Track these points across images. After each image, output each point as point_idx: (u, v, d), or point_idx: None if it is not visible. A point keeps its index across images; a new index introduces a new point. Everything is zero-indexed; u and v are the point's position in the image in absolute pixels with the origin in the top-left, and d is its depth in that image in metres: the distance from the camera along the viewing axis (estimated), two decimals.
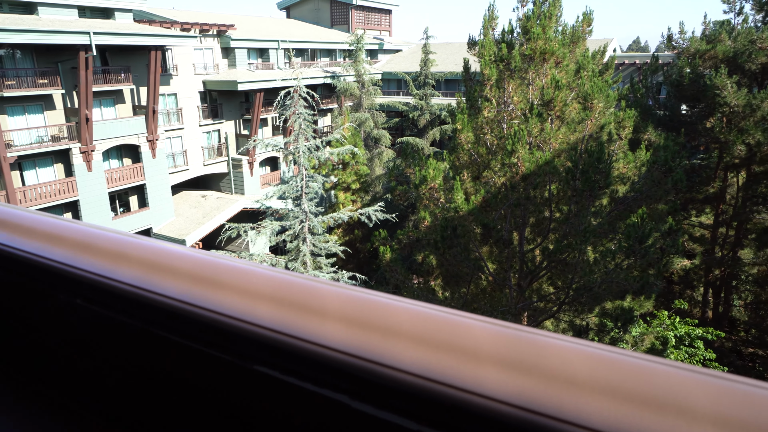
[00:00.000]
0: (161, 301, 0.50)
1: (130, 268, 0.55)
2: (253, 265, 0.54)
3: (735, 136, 18.87)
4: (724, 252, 23.05)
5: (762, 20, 20.32)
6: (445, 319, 0.42)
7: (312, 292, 0.48)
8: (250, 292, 0.49)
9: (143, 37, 24.48)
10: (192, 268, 0.54)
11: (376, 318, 0.43)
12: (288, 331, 0.44)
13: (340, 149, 14.16)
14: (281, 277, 0.51)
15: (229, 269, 0.53)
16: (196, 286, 0.51)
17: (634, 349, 14.22)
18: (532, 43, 13.20)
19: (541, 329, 0.41)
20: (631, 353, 0.38)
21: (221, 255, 0.58)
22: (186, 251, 0.58)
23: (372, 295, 0.47)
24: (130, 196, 27.02)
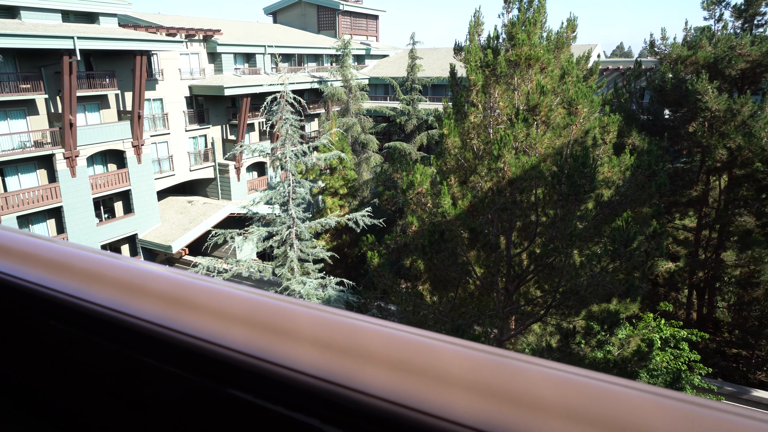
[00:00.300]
0: (134, 324, 0.50)
1: (102, 288, 0.54)
2: (227, 285, 0.53)
3: (716, 140, 19.18)
4: (707, 254, 23.38)
5: (741, 27, 20.72)
6: (416, 342, 0.42)
7: (285, 314, 0.48)
8: (225, 314, 0.49)
9: (128, 41, 24.29)
10: (165, 288, 0.53)
11: (348, 341, 0.43)
12: (261, 354, 0.43)
13: (327, 154, 14.15)
14: (255, 299, 0.50)
15: (204, 290, 0.53)
16: (170, 307, 0.50)
17: (621, 352, 14.38)
18: (518, 48, 13.32)
19: (516, 353, 0.41)
20: (601, 376, 0.38)
21: (195, 275, 0.58)
22: (159, 271, 0.57)
23: (344, 316, 0.47)
24: (115, 202, 26.73)
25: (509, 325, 14.62)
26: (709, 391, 16.56)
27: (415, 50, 37.11)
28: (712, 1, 20.90)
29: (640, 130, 20.79)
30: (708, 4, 20.99)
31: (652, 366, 14.94)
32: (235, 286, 0.54)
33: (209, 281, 0.55)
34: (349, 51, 35.86)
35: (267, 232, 13.90)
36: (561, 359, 12.87)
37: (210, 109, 31.74)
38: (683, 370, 15.17)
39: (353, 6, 48.62)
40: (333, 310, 0.49)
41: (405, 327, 0.45)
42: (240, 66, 34.03)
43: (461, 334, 12.30)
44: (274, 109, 13.65)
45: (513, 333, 14.55)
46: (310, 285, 13.50)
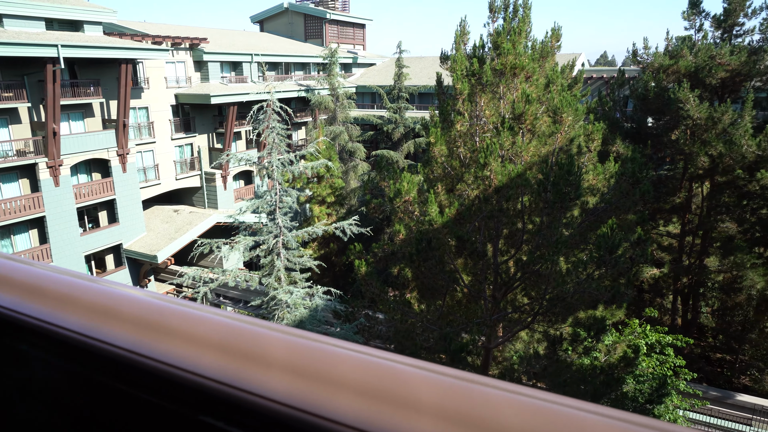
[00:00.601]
0: (106, 350, 0.49)
1: (74, 313, 0.54)
2: (200, 309, 0.53)
3: (698, 148, 19.50)
4: (691, 260, 23.68)
5: (720, 37, 21.15)
6: (387, 367, 0.42)
7: (257, 339, 0.48)
8: (197, 339, 0.48)
9: (113, 50, 24.13)
10: (139, 313, 0.53)
11: (321, 367, 0.43)
12: (233, 382, 0.43)
13: (314, 163, 14.13)
14: (228, 323, 0.50)
15: (177, 315, 0.52)
16: (143, 333, 0.50)
17: (607, 358, 14.45)
18: (503, 58, 13.45)
19: (488, 377, 0.41)
20: (557, 399, 0.38)
21: (168, 297, 0.57)
22: (133, 294, 0.57)
23: (317, 341, 0.47)
24: (99, 212, 26.41)
25: (497, 332, 14.66)
26: (694, 396, 16.70)
27: (402, 59, 37.32)
28: (692, 12, 21.32)
29: (624, 137, 21.07)
30: (689, 14, 21.41)
31: (639, 372, 15.04)
32: (208, 309, 0.54)
33: (183, 305, 0.54)
34: (336, 59, 35.96)
35: (253, 241, 13.81)
36: (548, 366, 12.92)
37: (196, 117, 31.57)
38: (669, 375, 15.29)
39: (340, 15, 48.82)
40: (306, 335, 0.49)
41: (376, 352, 0.45)
42: (227, 74, 33.94)
43: (449, 342, 12.30)
44: (260, 117, 13.62)
45: (501, 340, 14.59)
46: (297, 294, 13.43)
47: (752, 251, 19.32)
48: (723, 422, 18.27)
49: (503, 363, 15.75)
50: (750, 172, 18.55)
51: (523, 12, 14.84)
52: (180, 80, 30.89)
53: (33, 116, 23.38)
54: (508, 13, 14.95)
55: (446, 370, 0.43)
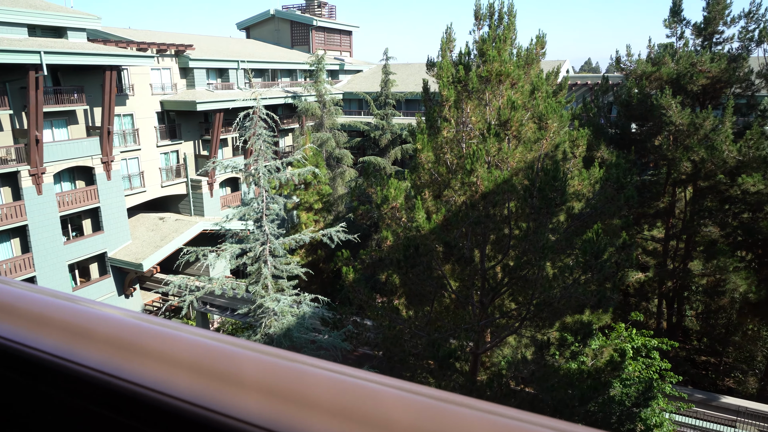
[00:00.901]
0: (79, 371, 0.48)
1: (46, 333, 0.53)
2: (175, 328, 0.53)
3: (681, 153, 19.78)
4: (675, 264, 23.97)
5: (701, 44, 21.53)
6: (362, 387, 0.42)
7: (231, 358, 0.47)
8: (171, 360, 0.48)
9: (97, 56, 23.91)
10: (112, 332, 0.52)
11: (295, 387, 0.43)
12: (206, 404, 0.43)
13: (301, 170, 14.10)
14: (202, 343, 0.50)
15: (151, 334, 0.52)
16: (116, 353, 0.49)
17: (594, 362, 14.54)
18: (489, 65, 13.56)
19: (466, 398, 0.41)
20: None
21: (143, 316, 0.57)
22: (106, 313, 0.56)
23: (291, 360, 0.47)
24: (83, 220, 26.06)
25: (485, 338, 14.68)
26: (680, 399, 16.86)
27: (389, 66, 37.46)
28: (673, 20, 21.69)
29: (608, 143, 21.32)
30: (670, 22, 21.78)
31: (625, 376, 15.16)
32: (183, 328, 0.53)
33: (157, 323, 0.54)
34: (322, 66, 35.99)
35: (240, 249, 13.72)
36: (536, 371, 12.97)
37: (182, 124, 31.36)
38: (655, 379, 15.43)
39: (327, 22, 48.92)
40: (281, 354, 0.48)
41: (351, 371, 0.45)
42: (213, 81, 33.79)
43: (437, 348, 12.29)
44: (246, 124, 13.57)
45: (489, 346, 14.62)
46: (285, 302, 13.34)
47: (734, 255, 19.61)
48: (708, 424, 18.45)
49: (491, 368, 15.78)
50: (731, 177, 18.86)
51: (508, 20, 14.99)
52: (165, 87, 30.69)
53: (15, 123, 23.07)
54: (494, 20, 15.10)
55: (421, 389, 0.42)
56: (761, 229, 18.50)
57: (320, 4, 50.65)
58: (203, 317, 27.64)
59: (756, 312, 19.63)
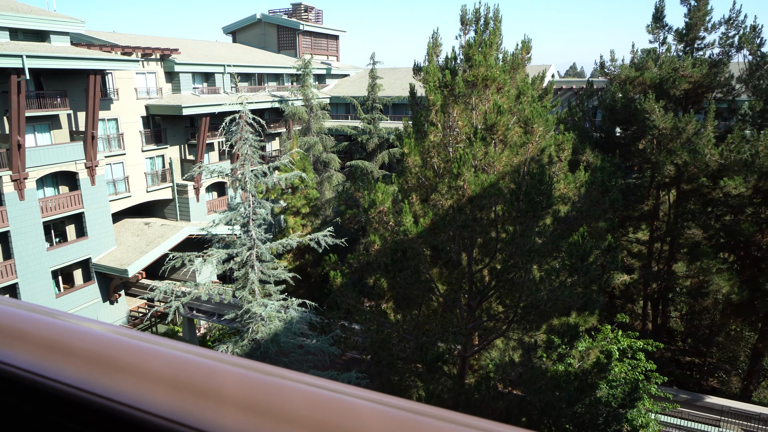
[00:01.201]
0: (55, 388, 0.48)
1: (21, 349, 0.52)
2: (153, 342, 0.52)
3: (664, 157, 20.06)
4: (660, 266, 24.25)
5: (683, 50, 21.87)
6: (340, 401, 0.43)
7: (210, 373, 0.47)
8: (149, 375, 0.48)
9: (81, 60, 23.65)
10: (89, 347, 0.52)
11: (275, 402, 0.43)
12: (184, 420, 0.43)
13: (288, 174, 14.06)
14: (180, 357, 0.50)
15: (129, 348, 0.51)
16: (94, 369, 0.49)
17: (581, 364, 14.65)
18: (475, 69, 13.65)
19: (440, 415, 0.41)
20: None
21: (121, 329, 0.56)
22: (83, 327, 0.56)
23: (271, 375, 0.47)
24: (66, 226, 25.70)
25: (473, 341, 14.73)
26: (665, 399, 17.04)
27: (376, 70, 37.54)
28: (656, 26, 22.02)
29: (593, 147, 21.54)
30: (652, 28, 22.10)
31: (611, 377, 15.28)
32: (161, 342, 0.53)
33: (135, 337, 0.53)
34: (309, 70, 35.96)
35: (227, 254, 13.63)
36: (524, 373, 13.03)
37: (168, 128, 31.12)
38: (640, 380, 15.57)
39: (313, 26, 48.91)
40: (259, 367, 0.48)
41: (331, 384, 0.45)
42: (199, 85, 33.59)
43: (425, 352, 12.30)
44: (233, 129, 13.50)
45: (476, 349, 14.66)
46: (272, 307, 13.27)
47: (717, 257, 19.89)
48: (693, 424, 18.66)
49: (479, 371, 15.83)
50: (713, 180, 19.15)
51: (494, 25, 15.12)
52: (151, 91, 30.44)
53: None
54: (480, 25, 15.22)
55: (399, 402, 0.43)
56: (743, 231, 18.79)
57: (307, 8, 50.65)
58: (190, 323, 27.37)
59: (738, 313, 19.91)
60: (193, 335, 27.58)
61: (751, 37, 19.38)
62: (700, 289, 20.95)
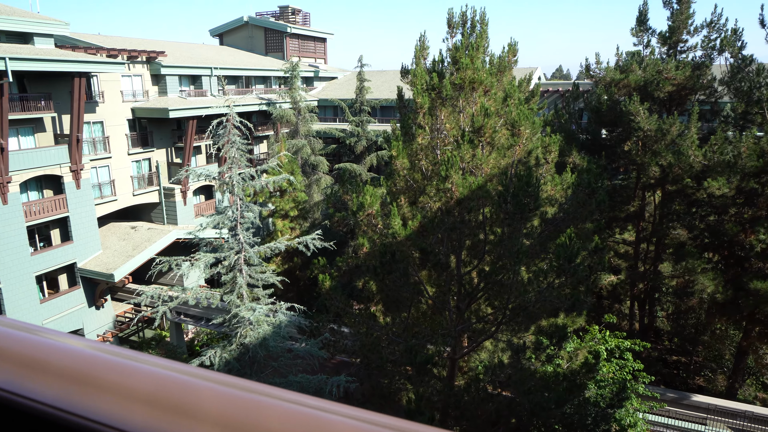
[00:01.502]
0: (31, 407, 0.47)
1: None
2: (132, 357, 0.52)
3: (650, 158, 20.29)
4: (646, 266, 24.50)
5: (666, 53, 22.15)
6: (317, 418, 0.42)
7: (189, 390, 0.47)
8: (128, 393, 0.47)
9: (65, 63, 23.38)
10: (66, 364, 0.51)
11: (252, 420, 0.43)
12: None
13: (276, 177, 14.00)
14: (160, 374, 0.49)
15: (107, 365, 0.50)
16: (70, 387, 0.48)
17: (569, 365, 14.73)
18: (462, 72, 13.71)
19: None
20: None
21: (99, 345, 0.55)
22: (60, 343, 0.55)
23: (251, 392, 0.46)
24: (51, 230, 25.35)
25: (462, 343, 14.76)
26: (652, 398, 17.20)
27: (363, 73, 37.56)
28: (640, 29, 22.29)
29: (579, 149, 21.73)
30: (636, 31, 22.37)
31: (600, 377, 15.40)
32: (140, 358, 0.52)
33: (114, 353, 0.53)
34: (297, 73, 35.88)
35: (214, 258, 13.53)
36: (513, 375, 13.07)
37: (154, 131, 30.85)
38: (628, 379, 15.71)
39: (301, 29, 48.83)
40: (238, 383, 0.48)
41: (311, 401, 0.44)
42: (185, 88, 33.36)
43: (415, 355, 12.30)
44: (220, 132, 13.43)
45: (466, 351, 14.69)
46: (260, 311, 13.19)
47: (702, 257, 20.14)
48: (680, 423, 18.86)
49: (469, 373, 15.86)
50: (698, 181, 19.40)
51: (481, 28, 15.20)
52: (137, 94, 30.18)
53: None
54: (466, 28, 15.29)
55: (380, 418, 0.43)
56: (727, 231, 19.06)
57: (294, 11, 50.56)
58: (177, 327, 27.13)
59: (723, 312, 20.17)
60: (180, 340, 27.33)
61: (733, 40, 19.68)
62: (686, 289, 21.21)
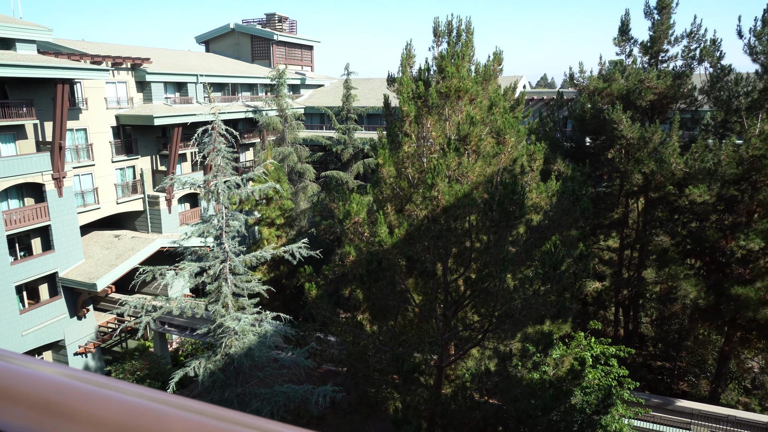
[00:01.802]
0: None
1: None
2: (104, 385, 0.51)
3: (632, 166, 20.56)
4: (630, 273, 24.75)
5: (648, 62, 22.53)
6: None
7: (161, 421, 0.46)
8: (100, 424, 0.46)
9: (48, 69, 23.09)
10: (35, 392, 0.50)
11: None
12: None
13: (262, 186, 13.92)
14: (131, 403, 0.48)
15: (78, 394, 0.50)
16: (39, 417, 0.47)
17: (556, 372, 14.79)
18: (448, 81, 13.80)
19: None
20: None
21: (71, 372, 0.54)
22: (29, 370, 0.54)
23: (225, 420, 0.46)
24: (32, 239, 24.92)
25: (449, 351, 14.75)
26: (637, 404, 17.33)
27: (350, 80, 37.64)
28: (622, 38, 22.65)
29: (564, 157, 21.96)
30: (619, 40, 22.73)
31: (585, 384, 15.48)
32: (113, 385, 0.52)
33: (86, 380, 0.52)
34: (284, 80, 35.85)
35: (199, 267, 13.39)
36: (500, 382, 13.09)
37: (139, 139, 30.56)
38: (614, 385, 15.81)
39: (287, 36, 48.84)
40: (211, 412, 0.47)
41: (285, 429, 0.44)
42: (171, 95, 33.12)
43: (401, 363, 12.27)
44: (205, 140, 13.34)
45: (453, 359, 14.69)
46: (246, 321, 13.07)
47: (684, 263, 20.42)
48: (665, 428, 19.01)
49: (456, 381, 15.85)
50: (679, 188, 19.70)
51: (466, 37, 15.34)
52: (121, 101, 29.89)
53: None
54: (452, 37, 15.42)
55: None
56: (708, 238, 19.35)
57: (281, 18, 50.58)
58: (161, 338, 26.76)
59: (705, 317, 20.44)
60: (164, 350, 26.96)
61: (712, 50, 20.09)
62: (669, 295, 21.46)
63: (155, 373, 24.39)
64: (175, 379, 13.40)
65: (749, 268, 18.31)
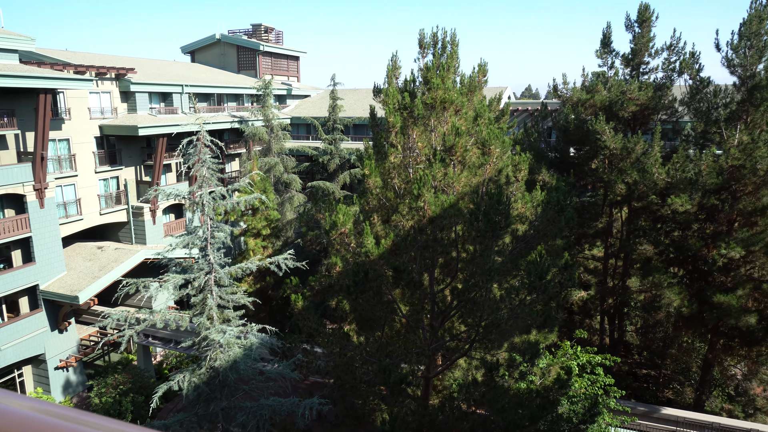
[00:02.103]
0: None
1: None
2: (75, 419, 0.50)
3: (616, 176, 20.83)
4: (615, 282, 24.98)
5: (630, 74, 22.93)
6: None
7: None
8: None
9: (30, 79, 22.83)
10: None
11: None
12: None
13: (248, 197, 13.85)
14: None
15: None
16: None
17: (542, 381, 14.82)
18: (433, 92, 13.90)
19: None
20: None
21: (49, 408, 0.53)
22: (6, 408, 0.52)
23: None
24: (12, 251, 24.47)
25: (436, 361, 14.72)
26: (624, 413, 17.41)
27: (336, 91, 37.75)
28: (604, 51, 23.05)
29: (549, 167, 22.18)
30: (601, 53, 23.12)
31: (572, 393, 15.53)
32: (83, 419, 0.51)
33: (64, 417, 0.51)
34: (270, 91, 35.83)
35: (184, 279, 13.24)
36: (487, 393, 13.08)
37: (123, 149, 30.26)
38: (600, 394, 15.89)
39: (273, 47, 48.91)
40: None
41: None
42: (156, 105, 32.91)
43: (388, 374, 12.21)
44: (190, 151, 13.25)
45: (440, 369, 14.65)
46: (231, 333, 12.92)
47: (668, 271, 20.66)
48: None
49: (443, 392, 15.80)
50: (662, 197, 19.99)
51: (451, 48, 15.49)
52: (105, 111, 29.62)
53: None
54: (437, 49, 15.55)
55: None
56: (690, 246, 19.62)
57: (267, 29, 50.67)
58: (145, 350, 26.34)
59: (689, 325, 20.67)
60: (148, 363, 26.53)
61: (691, 62, 20.51)
62: (653, 303, 21.68)
63: (138, 386, 23.98)
64: (159, 393, 13.19)
65: (731, 276, 18.59)
